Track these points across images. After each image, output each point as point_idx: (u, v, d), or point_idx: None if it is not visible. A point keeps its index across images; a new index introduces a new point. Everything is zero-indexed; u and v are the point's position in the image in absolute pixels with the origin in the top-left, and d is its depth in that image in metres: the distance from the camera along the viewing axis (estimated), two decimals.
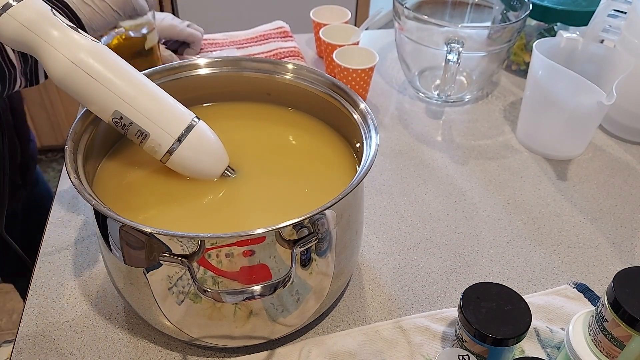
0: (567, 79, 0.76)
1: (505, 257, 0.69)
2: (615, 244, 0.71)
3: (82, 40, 0.51)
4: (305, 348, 0.57)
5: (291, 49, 1.01)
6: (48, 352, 0.56)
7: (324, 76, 0.63)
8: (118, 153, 0.61)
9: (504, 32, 0.89)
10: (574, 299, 0.63)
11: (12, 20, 0.48)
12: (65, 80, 0.51)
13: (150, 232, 0.45)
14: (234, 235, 0.45)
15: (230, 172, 0.58)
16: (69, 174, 0.49)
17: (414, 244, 0.70)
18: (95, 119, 0.56)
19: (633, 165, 0.84)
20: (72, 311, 0.60)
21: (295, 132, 0.65)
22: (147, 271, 0.49)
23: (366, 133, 0.56)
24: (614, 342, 0.48)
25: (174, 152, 0.54)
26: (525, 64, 1.02)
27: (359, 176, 0.50)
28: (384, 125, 0.91)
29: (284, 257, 0.49)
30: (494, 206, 0.76)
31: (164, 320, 0.53)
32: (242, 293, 0.45)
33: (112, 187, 0.57)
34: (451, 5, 1.04)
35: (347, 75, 0.87)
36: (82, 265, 0.65)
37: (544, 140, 0.85)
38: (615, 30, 0.86)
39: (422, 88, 0.97)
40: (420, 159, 0.84)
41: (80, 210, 0.72)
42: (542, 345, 0.58)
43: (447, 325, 0.60)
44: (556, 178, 0.82)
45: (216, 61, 0.65)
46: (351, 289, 0.64)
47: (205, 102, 0.67)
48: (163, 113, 0.54)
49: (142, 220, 0.52)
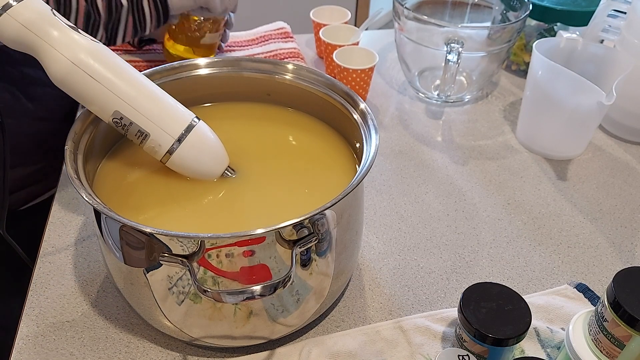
0: (567, 79, 0.76)
1: (505, 257, 0.69)
2: (615, 244, 0.71)
3: (82, 40, 0.51)
4: (306, 348, 0.57)
5: (291, 50, 1.01)
6: (48, 352, 0.56)
7: (324, 76, 0.63)
8: (118, 153, 0.61)
9: (503, 32, 0.89)
10: (574, 299, 0.63)
11: (12, 21, 0.48)
12: (65, 81, 0.51)
13: (150, 232, 0.46)
14: (234, 236, 0.45)
15: (230, 172, 0.58)
16: (69, 174, 0.49)
17: (414, 244, 0.70)
18: (95, 119, 0.56)
19: (633, 165, 0.84)
20: (72, 311, 0.60)
21: (295, 132, 0.65)
22: (147, 271, 0.49)
23: (366, 133, 0.56)
24: (614, 342, 0.48)
25: (174, 153, 0.54)
26: (525, 64, 1.02)
27: (359, 176, 0.50)
28: (384, 125, 0.91)
29: (284, 257, 0.49)
30: (494, 206, 0.76)
31: (164, 320, 0.53)
32: (242, 293, 0.45)
33: (112, 187, 0.57)
34: (451, 5, 1.04)
35: (347, 76, 0.87)
36: (82, 265, 0.65)
37: (544, 141, 0.85)
38: (615, 30, 0.86)
39: (422, 88, 0.97)
40: (420, 159, 0.84)
41: (80, 210, 0.72)
42: (542, 345, 0.58)
43: (447, 326, 0.60)
44: (556, 178, 0.82)
45: (216, 61, 0.65)
46: (351, 289, 0.64)
47: (205, 102, 0.67)
48: (163, 113, 0.54)
49: (142, 220, 0.52)
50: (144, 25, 0.72)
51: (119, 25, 0.69)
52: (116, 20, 0.68)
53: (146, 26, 0.72)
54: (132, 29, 0.71)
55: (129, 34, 0.71)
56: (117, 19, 0.68)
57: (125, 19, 0.69)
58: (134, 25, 0.71)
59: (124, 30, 0.70)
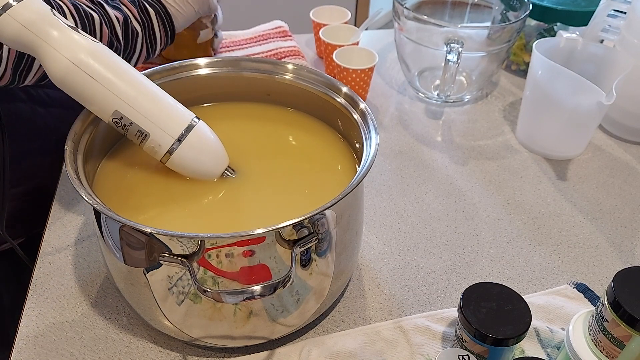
0: (567, 79, 0.76)
1: (505, 257, 0.69)
2: (615, 244, 0.71)
3: (82, 40, 0.51)
4: (306, 348, 0.57)
5: (291, 49, 1.01)
6: (48, 352, 0.56)
7: (323, 76, 0.63)
8: (118, 153, 0.61)
9: (503, 32, 0.89)
10: (574, 299, 0.63)
11: (12, 21, 0.48)
12: (65, 81, 0.51)
13: (150, 232, 0.46)
14: (234, 236, 0.45)
15: (230, 172, 0.58)
16: (69, 174, 0.49)
17: (414, 244, 0.70)
18: (95, 119, 0.56)
19: (633, 165, 0.84)
20: (72, 311, 0.60)
21: (295, 132, 0.65)
22: (147, 271, 0.49)
23: (366, 133, 0.56)
24: (614, 342, 0.48)
25: (173, 153, 0.54)
26: (525, 64, 1.02)
27: (359, 176, 0.50)
28: (383, 125, 0.91)
29: (284, 257, 0.49)
30: (494, 206, 0.76)
31: (164, 320, 0.53)
32: (242, 293, 0.45)
33: (112, 187, 0.57)
34: (451, 5, 1.04)
35: (347, 76, 0.87)
36: (82, 265, 0.65)
37: (544, 140, 0.85)
38: (615, 30, 0.86)
39: (421, 88, 0.97)
40: (420, 159, 0.84)
41: (80, 210, 0.72)
42: (542, 345, 0.58)
43: (447, 326, 0.60)
44: (556, 178, 0.82)
45: (216, 61, 0.65)
46: (351, 289, 0.64)
47: (205, 102, 0.67)
48: (163, 113, 0.54)
49: (142, 220, 0.52)
50: (154, 49, 0.74)
51: (134, 52, 0.71)
52: (132, 47, 0.70)
53: (156, 50, 0.74)
54: (145, 54, 0.73)
55: (141, 59, 0.73)
56: (133, 46, 0.70)
57: (140, 46, 0.71)
58: (147, 51, 0.73)
59: (138, 56, 0.72)
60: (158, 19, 0.72)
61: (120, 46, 0.68)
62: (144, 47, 0.71)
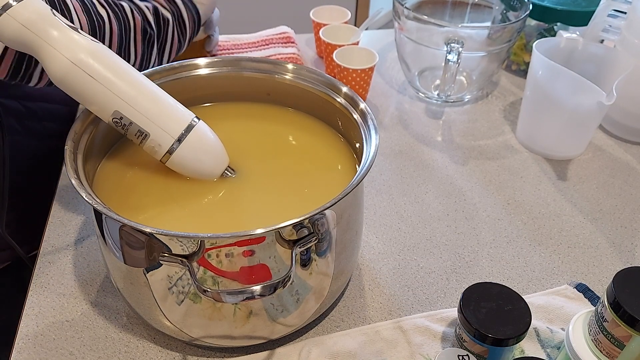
0: (567, 79, 0.76)
1: (505, 257, 0.69)
2: (615, 244, 0.71)
3: (82, 40, 0.51)
4: (305, 348, 0.57)
5: (290, 55, 1.00)
6: (48, 351, 0.56)
7: (324, 76, 0.63)
8: (118, 153, 0.61)
9: (503, 32, 0.89)
10: (574, 299, 0.63)
11: (12, 21, 0.48)
12: (65, 81, 0.51)
13: (150, 232, 0.46)
14: (234, 235, 0.45)
15: (230, 172, 0.58)
16: (69, 174, 0.49)
17: (414, 244, 0.70)
18: (95, 119, 0.56)
19: (633, 165, 0.84)
20: (72, 311, 0.60)
21: (295, 132, 0.65)
22: (147, 271, 0.49)
23: (366, 133, 0.56)
24: (614, 342, 0.48)
25: (173, 152, 0.54)
26: (525, 64, 1.02)
27: (359, 176, 0.50)
28: (384, 125, 0.91)
29: (284, 257, 0.49)
30: (494, 206, 0.76)
31: (164, 320, 0.53)
32: (242, 293, 0.46)
33: (112, 187, 0.57)
34: (451, 5, 1.04)
35: (347, 75, 0.87)
36: (82, 265, 0.65)
37: (544, 140, 0.85)
38: (615, 30, 0.86)
39: (422, 88, 0.97)
40: (420, 159, 0.84)
41: (80, 210, 0.72)
42: (542, 345, 0.58)
43: (447, 326, 0.60)
44: (556, 178, 0.82)
45: (216, 61, 0.65)
46: (351, 289, 0.64)
47: (205, 102, 0.67)
48: (163, 113, 0.54)
49: (142, 220, 0.52)
50: (185, 38, 0.74)
51: (166, 41, 0.71)
52: (164, 34, 0.70)
53: (186, 39, 0.74)
54: (177, 44, 0.73)
55: (174, 50, 0.73)
56: (165, 34, 0.70)
57: (172, 34, 0.71)
58: (178, 40, 0.73)
59: (171, 46, 0.72)
60: (185, 7, 0.72)
61: (153, 33, 0.68)
62: (175, 35, 0.71)
